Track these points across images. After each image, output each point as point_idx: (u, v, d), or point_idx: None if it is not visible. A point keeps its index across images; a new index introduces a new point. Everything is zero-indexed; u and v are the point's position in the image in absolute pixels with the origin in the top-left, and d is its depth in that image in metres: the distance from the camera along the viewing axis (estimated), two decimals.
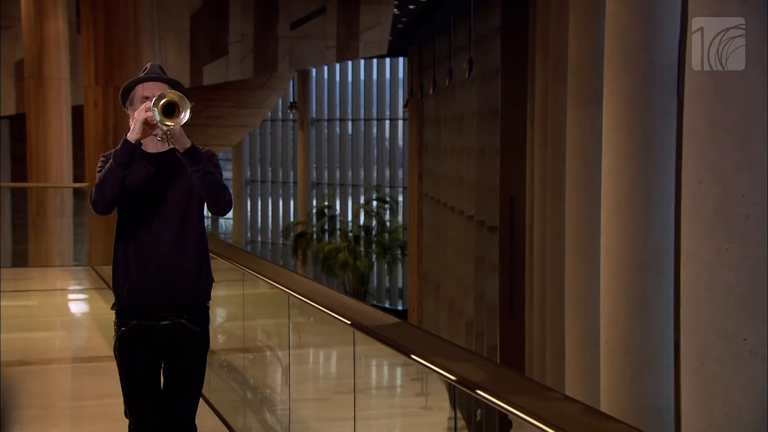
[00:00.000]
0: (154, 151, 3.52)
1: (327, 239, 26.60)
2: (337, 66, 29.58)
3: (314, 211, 27.85)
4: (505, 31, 14.58)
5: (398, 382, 9.00)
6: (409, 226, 24.97)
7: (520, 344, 13.28)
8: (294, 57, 18.18)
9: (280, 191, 31.90)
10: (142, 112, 3.33)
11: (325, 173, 30.44)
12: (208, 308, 3.61)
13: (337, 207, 28.63)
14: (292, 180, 31.44)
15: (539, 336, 11.69)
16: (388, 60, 28.77)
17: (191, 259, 3.49)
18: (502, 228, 14.75)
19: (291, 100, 29.41)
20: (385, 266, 26.74)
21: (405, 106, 25.97)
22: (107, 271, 10.64)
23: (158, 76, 3.49)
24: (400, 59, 28.13)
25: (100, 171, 3.47)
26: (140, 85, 3.49)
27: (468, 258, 17.45)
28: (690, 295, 4.70)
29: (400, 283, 28.74)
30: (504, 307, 14.69)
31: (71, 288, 10.80)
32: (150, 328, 3.47)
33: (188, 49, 17.07)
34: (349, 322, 3.40)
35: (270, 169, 32.11)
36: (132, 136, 3.35)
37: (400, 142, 29.22)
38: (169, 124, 3.25)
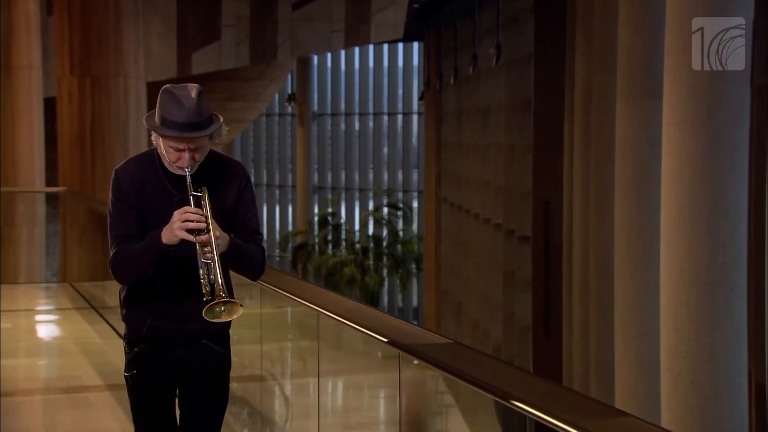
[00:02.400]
0: (181, 174, 3.49)
1: (331, 251, 26.59)
2: (342, 52, 29.59)
3: (316, 219, 27.85)
4: (539, 11, 14.57)
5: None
6: (425, 237, 24.94)
7: (557, 372, 13.25)
8: (296, 43, 18.21)
9: (277, 196, 31.92)
10: (182, 231, 3.36)
11: (329, 176, 30.45)
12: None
13: (343, 214, 28.63)
14: (290, 183, 31.46)
15: (581, 362, 11.65)
16: (401, 45, 28.74)
17: None
18: (535, 238, 14.73)
19: (289, 91, 29.41)
20: (398, 282, 26.72)
21: (420, 98, 25.95)
22: (88, 288, 10.67)
23: (193, 135, 3.37)
24: (415, 44, 28.10)
25: (114, 206, 3.48)
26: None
27: (495, 273, 17.41)
28: None
29: (415, 302, 28.71)
30: (538, 329, 14.67)
31: (47, 308, 10.81)
32: (166, 348, 3.55)
33: (175, 34, 17.10)
34: (384, 340, 3.39)
35: (265, 170, 32.14)
36: (166, 241, 3.41)
37: (415, 140, 29.22)
38: (218, 309, 3.36)
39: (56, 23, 12.01)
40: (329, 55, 30.00)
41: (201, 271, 3.36)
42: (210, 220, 3.36)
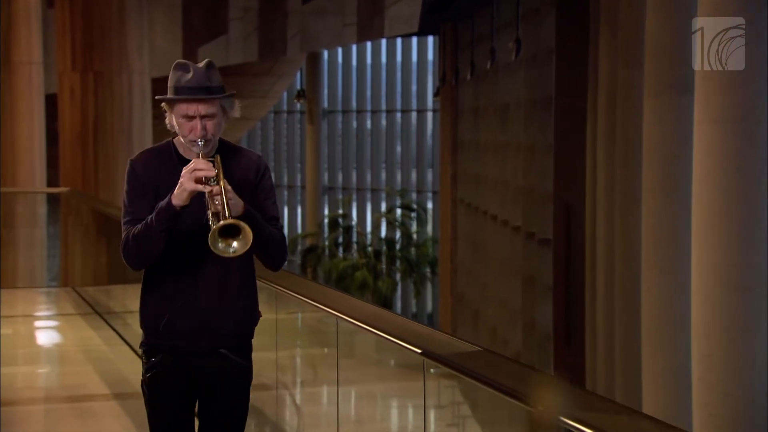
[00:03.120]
0: (196, 151, 3.54)
1: (342, 255, 26.60)
2: (354, 47, 29.60)
3: (326, 220, 27.87)
4: (560, 2, 14.55)
5: (432, 428, 9.01)
6: (440, 239, 24.94)
7: (579, 381, 13.23)
8: (306, 37, 18.21)
9: (285, 197, 31.96)
10: (191, 181, 3.40)
11: (339, 176, 30.46)
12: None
13: (354, 216, 28.63)
14: (299, 184, 31.49)
15: (605, 372, 11.62)
16: (415, 39, 28.74)
17: (236, 295, 3.57)
18: (556, 241, 14.72)
19: (298, 87, 29.44)
20: (412, 287, 26.72)
21: (436, 94, 25.97)
22: (91, 293, 10.69)
23: (204, 96, 3.47)
24: (430, 38, 28.11)
25: (128, 193, 3.53)
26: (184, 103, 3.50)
27: (514, 277, 17.41)
28: None
29: (429, 308, 28.70)
30: (559, 336, 14.65)
31: (49, 314, 10.83)
32: (185, 358, 3.57)
33: (180, 27, 17.13)
34: (418, 351, 3.37)
35: (273, 170, 32.17)
36: (177, 202, 3.45)
37: (430, 139, 29.22)
38: (220, 245, 3.33)
39: (57, 17, 12.03)
40: (340, 50, 30.00)
41: (209, 214, 3.37)
42: (221, 175, 3.39)
